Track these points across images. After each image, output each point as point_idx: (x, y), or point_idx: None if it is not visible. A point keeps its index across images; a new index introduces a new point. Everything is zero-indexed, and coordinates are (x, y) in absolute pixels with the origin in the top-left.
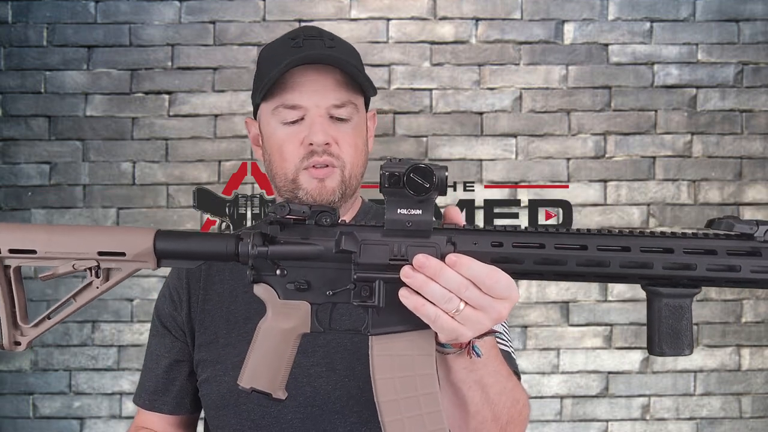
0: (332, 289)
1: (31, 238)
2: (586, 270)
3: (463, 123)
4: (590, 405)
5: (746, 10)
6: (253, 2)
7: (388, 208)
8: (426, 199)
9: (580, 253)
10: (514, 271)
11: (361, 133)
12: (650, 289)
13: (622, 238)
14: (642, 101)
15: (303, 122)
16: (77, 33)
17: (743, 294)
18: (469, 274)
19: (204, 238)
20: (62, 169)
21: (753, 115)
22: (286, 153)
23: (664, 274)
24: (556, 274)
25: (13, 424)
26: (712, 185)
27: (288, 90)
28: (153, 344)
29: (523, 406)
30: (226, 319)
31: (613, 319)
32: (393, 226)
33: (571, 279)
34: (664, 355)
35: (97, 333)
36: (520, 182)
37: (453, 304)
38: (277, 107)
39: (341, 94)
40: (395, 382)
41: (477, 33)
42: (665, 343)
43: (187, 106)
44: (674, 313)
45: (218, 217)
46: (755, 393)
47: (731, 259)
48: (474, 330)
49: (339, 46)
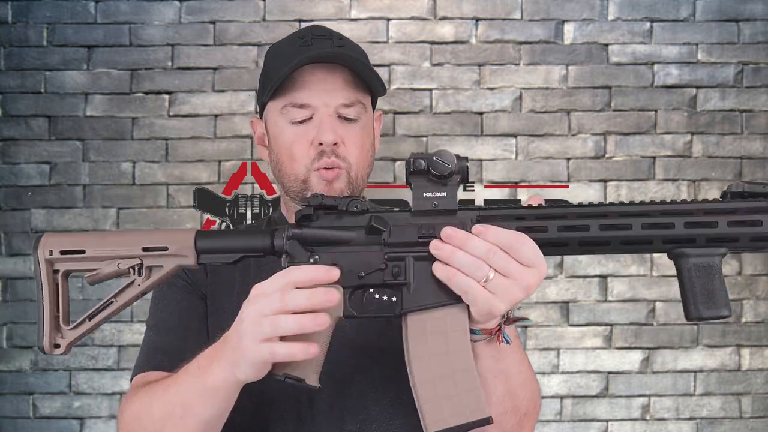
0: (365, 272)
1: (80, 241)
2: (609, 235)
3: (463, 123)
4: (590, 405)
5: (746, 10)
6: (253, 2)
7: (415, 193)
8: (449, 182)
9: (601, 220)
10: (539, 240)
11: (369, 133)
12: (676, 252)
13: (641, 206)
14: (642, 101)
15: (311, 122)
16: (77, 33)
17: (743, 294)
18: (495, 239)
19: (240, 233)
20: (62, 169)
21: (753, 115)
22: (296, 154)
23: (687, 234)
24: (581, 243)
25: (13, 424)
26: (712, 185)
27: (297, 89)
28: (175, 300)
29: (538, 398)
30: (231, 314)
31: (613, 319)
32: (420, 206)
33: (596, 249)
34: (703, 318)
35: (97, 333)
36: (520, 182)
37: (483, 271)
38: (285, 106)
39: (350, 93)
40: (431, 361)
41: (477, 33)
42: (702, 304)
43: (187, 106)
44: (705, 273)
45: (218, 217)
46: (755, 393)
47: (752, 216)
48: (505, 300)
49: (348, 45)
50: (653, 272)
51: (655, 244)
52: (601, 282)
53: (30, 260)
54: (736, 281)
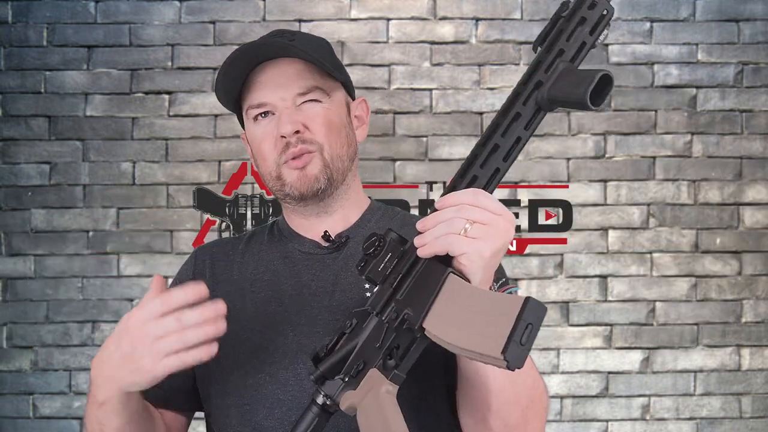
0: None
1: None
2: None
3: (463, 123)
4: (590, 405)
5: (746, 10)
6: (253, 2)
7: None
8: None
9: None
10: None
11: (337, 112)
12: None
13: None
14: (642, 101)
15: (274, 116)
16: (77, 33)
17: (743, 294)
18: (456, 200)
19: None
20: (62, 169)
21: (753, 115)
22: (264, 151)
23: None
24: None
25: (13, 424)
26: (712, 185)
27: (252, 90)
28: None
29: (542, 392)
30: (235, 318)
31: (613, 319)
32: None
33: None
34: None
35: (97, 333)
36: (520, 182)
37: (460, 224)
38: (247, 110)
39: (305, 82)
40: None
41: (477, 33)
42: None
43: (187, 106)
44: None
45: (218, 217)
46: (755, 393)
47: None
48: (489, 243)
49: (300, 39)
50: (653, 272)
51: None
52: (601, 282)
53: (30, 260)
54: (736, 281)
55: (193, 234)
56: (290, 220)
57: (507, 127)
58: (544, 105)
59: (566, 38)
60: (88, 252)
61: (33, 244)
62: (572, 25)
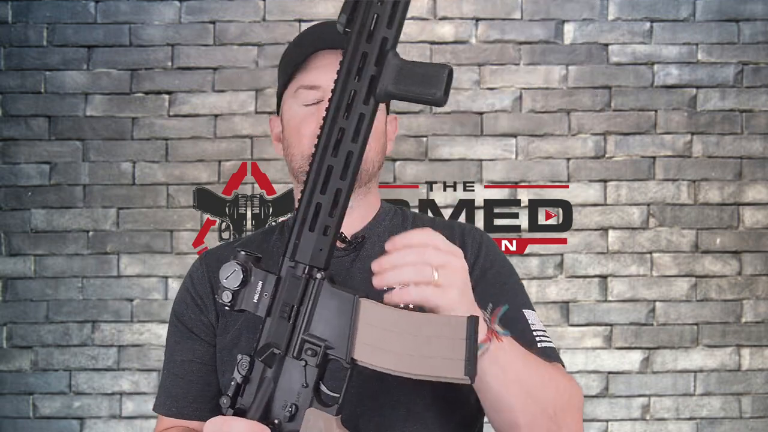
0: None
1: None
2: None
3: (463, 123)
4: (590, 405)
5: (746, 10)
6: (253, 2)
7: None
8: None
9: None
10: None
11: (381, 118)
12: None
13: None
14: (642, 101)
15: (322, 104)
16: (77, 33)
17: (743, 294)
18: (412, 242)
19: None
20: (62, 169)
21: (753, 115)
22: (303, 129)
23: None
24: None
25: (13, 424)
26: (712, 185)
27: (309, 71)
28: (178, 350)
29: (571, 395)
30: (246, 325)
31: (613, 319)
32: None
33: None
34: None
35: (97, 333)
36: (520, 182)
37: (427, 272)
38: (297, 89)
39: None
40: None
41: (477, 33)
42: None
43: (187, 106)
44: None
45: (218, 217)
46: (755, 393)
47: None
48: (457, 289)
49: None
50: (653, 272)
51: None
52: (601, 282)
53: (30, 260)
54: (736, 281)
55: (193, 234)
56: None
57: (356, 131)
58: (381, 100)
59: (386, 24)
60: (88, 252)
61: (33, 244)
62: (387, 7)
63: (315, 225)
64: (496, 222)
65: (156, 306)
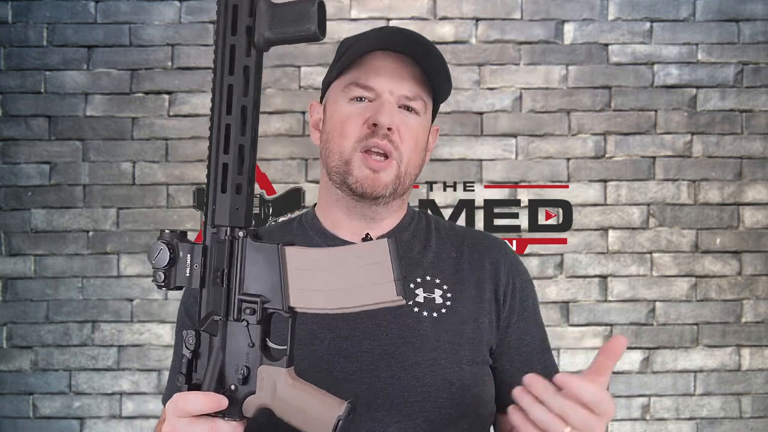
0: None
1: None
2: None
3: (463, 123)
4: None
5: (746, 10)
6: None
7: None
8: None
9: None
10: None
11: (425, 132)
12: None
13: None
14: (642, 101)
15: (371, 104)
16: (77, 33)
17: (743, 294)
18: (578, 395)
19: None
20: (62, 169)
21: (753, 115)
22: (347, 129)
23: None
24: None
25: (13, 424)
26: (712, 185)
27: (365, 70)
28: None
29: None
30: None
31: (613, 319)
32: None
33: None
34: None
35: (97, 333)
36: (520, 182)
37: (558, 429)
38: (349, 84)
39: (416, 88)
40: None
41: (477, 33)
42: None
43: (187, 106)
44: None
45: None
46: (755, 393)
47: None
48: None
49: (427, 45)
50: (653, 272)
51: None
52: (601, 282)
53: (30, 260)
54: (736, 281)
55: (193, 234)
56: (326, 215)
57: (245, 85)
58: (262, 48)
59: None
60: (88, 252)
61: (33, 244)
62: None
63: (226, 185)
64: (496, 222)
65: (156, 306)
